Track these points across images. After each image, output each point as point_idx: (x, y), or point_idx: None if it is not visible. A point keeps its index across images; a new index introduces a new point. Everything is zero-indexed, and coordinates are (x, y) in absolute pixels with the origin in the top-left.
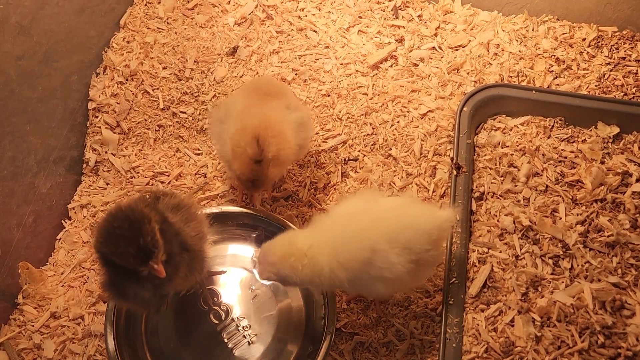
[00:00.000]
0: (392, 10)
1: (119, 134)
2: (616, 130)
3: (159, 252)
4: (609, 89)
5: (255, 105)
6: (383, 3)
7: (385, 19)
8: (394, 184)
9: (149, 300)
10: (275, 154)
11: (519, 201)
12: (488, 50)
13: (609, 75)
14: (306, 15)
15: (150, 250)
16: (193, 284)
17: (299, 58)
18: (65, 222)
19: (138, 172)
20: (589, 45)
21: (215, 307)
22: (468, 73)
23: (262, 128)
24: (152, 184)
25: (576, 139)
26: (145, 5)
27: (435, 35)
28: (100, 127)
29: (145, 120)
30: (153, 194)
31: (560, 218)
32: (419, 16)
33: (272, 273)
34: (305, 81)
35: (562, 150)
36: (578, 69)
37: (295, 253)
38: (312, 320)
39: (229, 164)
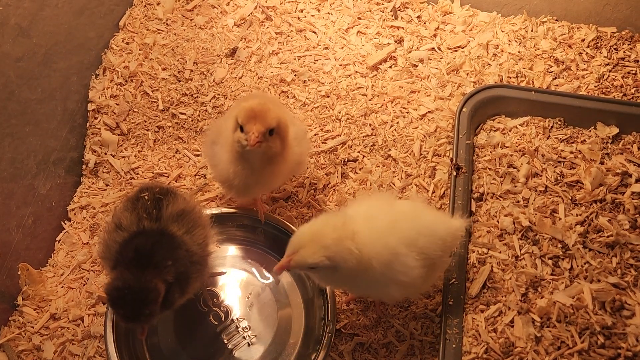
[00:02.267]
0: (391, 11)
1: (118, 135)
2: (615, 130)
3: (147, 326)
4: (608, 90)
5: None
6: (382, 4)
7: (384, 20)
8: (394, 184)
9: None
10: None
11: (518, 202)
12: (487, 51)
13: (608, 76)
14: (305, 17)
15: (139, 320)
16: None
17: (299, 59)
18: (65, 224)
19: (137, 174)
20: (588, 46)
21: (215, 308)
22: (467, 74)
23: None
24: None
25: (575, 139)
26: (145, 6)
27: (435, 36)
28: (99, 129)
29: (145, 121)
30: (152, 194)
31: (560, 218)
32: (418, 17)
33: (324, 256)
34: (304, 82)
35: (562, 150)
36: (577, 69)
37: (348, 236)
38: (311, 321)
39: (226, 184)
